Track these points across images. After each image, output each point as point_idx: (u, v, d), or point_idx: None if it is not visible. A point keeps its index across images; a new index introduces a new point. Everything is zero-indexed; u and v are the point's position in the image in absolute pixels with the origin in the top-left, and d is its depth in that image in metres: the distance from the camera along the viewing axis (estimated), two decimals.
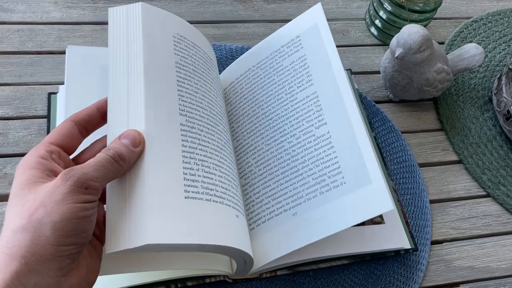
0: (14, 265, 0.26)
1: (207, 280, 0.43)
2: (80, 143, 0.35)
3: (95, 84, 0.47)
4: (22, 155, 0.49)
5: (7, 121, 0.51)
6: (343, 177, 0.40)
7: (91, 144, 0.36)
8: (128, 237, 0.30)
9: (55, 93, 0.52)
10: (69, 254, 0.28)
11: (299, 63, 0.46)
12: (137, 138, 0.33)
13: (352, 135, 0.41)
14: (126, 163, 0.32)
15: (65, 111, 0.45)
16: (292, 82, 0.46)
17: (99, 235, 0.33)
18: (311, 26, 0.47)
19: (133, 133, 0.33)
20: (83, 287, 0.30)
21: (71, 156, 0.35)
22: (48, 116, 0.51)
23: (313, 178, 0.41)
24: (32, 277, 0.27)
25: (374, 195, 0.38)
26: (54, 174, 0.30)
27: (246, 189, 0.44)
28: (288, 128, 0.44)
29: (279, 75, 0.47)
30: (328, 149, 0.41)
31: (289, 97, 0.45)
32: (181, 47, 0.41)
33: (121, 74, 0.36)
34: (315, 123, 0.43)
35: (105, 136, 0.35)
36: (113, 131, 0.34)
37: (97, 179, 0.29)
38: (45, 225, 0.27)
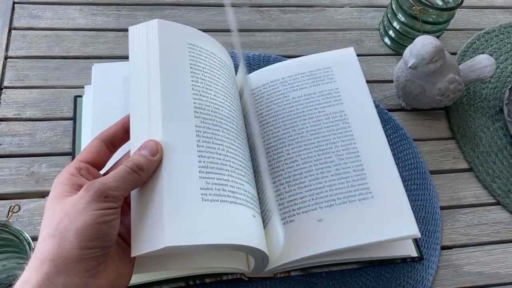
0: (44, 267, 0.29)
1: (224, 278, 0.45)
2: (109, 158, 0.38)
3: (118, 96, 0.49)
4: (48, 154, 0.52)
5: (35, 122, 0.54)
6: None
7: (120, 158, 0.39)
8: (150, 240, 0.32)
9: (80, 96, 0.54)
10: (94, 256, 0.30)
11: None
12: (155, 148, 0.35)
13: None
14: (145, 172, 0.34)
15: (92, 127, 0.47)
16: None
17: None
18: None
19: (151, 143, 0.35)
20: None
21: (103, 171, 0.38)
22: (74, 118, 0.53)
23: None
24: (61, 278, 0.29)
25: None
26: (81, 188, 0.33)
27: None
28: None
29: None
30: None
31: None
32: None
33: (141, 90, 0.39)
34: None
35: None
36: (135, 144, 0.36)
37: (116, 188, 0.32)
38: (69, 231, 0.30)
